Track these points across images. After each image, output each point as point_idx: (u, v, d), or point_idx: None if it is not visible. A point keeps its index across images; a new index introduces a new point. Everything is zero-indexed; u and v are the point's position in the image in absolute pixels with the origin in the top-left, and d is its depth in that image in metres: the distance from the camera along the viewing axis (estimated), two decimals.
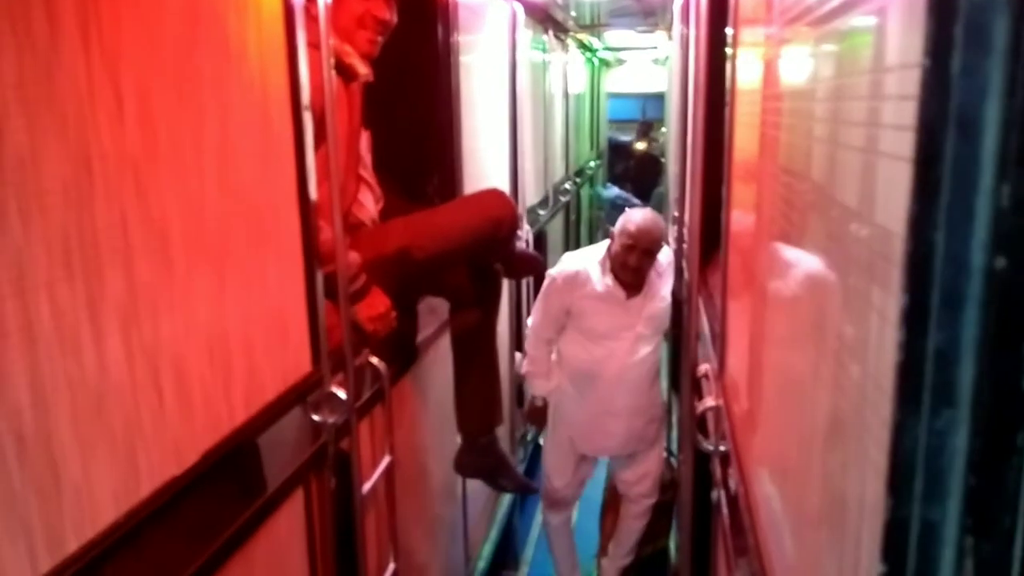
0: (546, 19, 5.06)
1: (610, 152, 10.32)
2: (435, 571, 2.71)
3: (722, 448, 1.58)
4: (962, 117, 0.41)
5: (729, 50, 1.70)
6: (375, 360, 1.87)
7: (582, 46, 7.51)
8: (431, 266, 2.10)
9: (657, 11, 5.72)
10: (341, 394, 1.59)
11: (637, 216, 2.97)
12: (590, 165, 8.22)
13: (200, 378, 1.17)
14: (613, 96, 10.62)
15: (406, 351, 2.28)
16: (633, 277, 2.95)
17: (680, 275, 3.02)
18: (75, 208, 0.91)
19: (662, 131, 9.01)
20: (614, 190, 9.09)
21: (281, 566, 1.47)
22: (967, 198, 0.42)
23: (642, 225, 2.91)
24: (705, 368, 1.92)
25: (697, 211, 2.36)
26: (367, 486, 1.83)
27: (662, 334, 3.15)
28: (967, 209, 0.42)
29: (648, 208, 3.29)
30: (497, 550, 3.51)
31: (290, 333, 1.49)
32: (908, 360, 0.46)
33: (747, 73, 1.49)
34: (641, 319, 3.00)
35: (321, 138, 1.57)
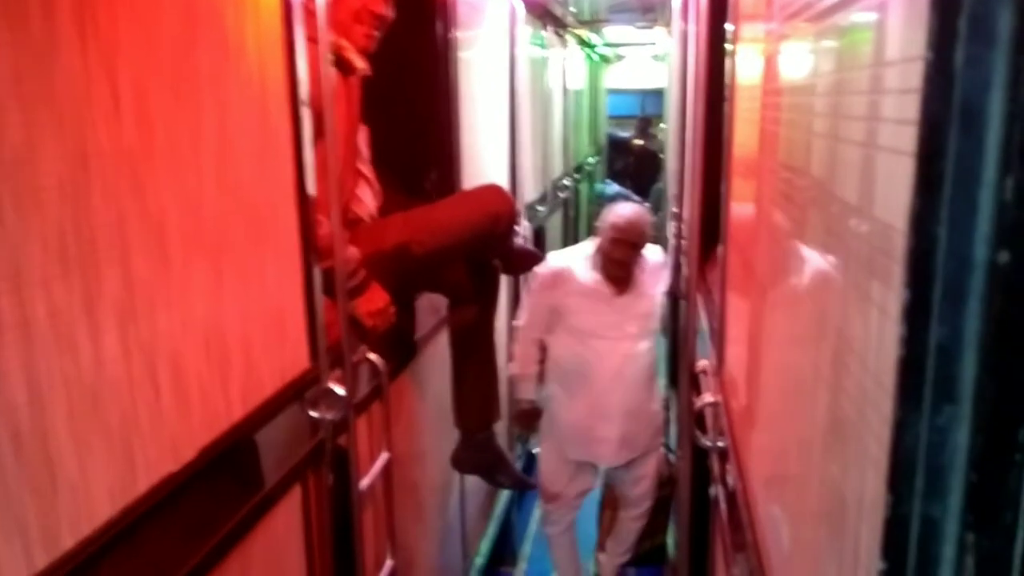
0: (545, 15, 5.06)
1: (609, 148, 10.30)
2: (433, 567, 2.71)
3: (720, 444, 1.58)
4: (965, 110, 0.41)
5: (729, 46, 1.70)
6: (373, 356, 1.87)
7: (581, 42, 7.50)
8: (429, 262, 2.10)
9: (656, 7, 5.71)
10: (339, 390, 1.58)
11: (622, 209, 2.95)
12: (589, 161, 8.21)
13: (197, 374, 1.17)
14: (612, 92, 10.60)
15: (404, 347, 2.27)
16: (619, 270, 2.90)
17: (679, 271, 3.01)
18: (72, 204, 0.91)
19: (661, 127, 9.00)
20: (614, 187, 9.08)
21: (279, 563, 1.47)
22: (970, 192, 0.41)
23: (628, 218, 2.87)
24: (704, 364, 1.91)
25: (696, 207, 2.36)
26: (365, 482, 1.83)
27: (654, 334, 3.07)
28: (970, 203, 0.41)
29: (633, 203, 3.24)
30: (495, 546, 3.51)
31: (288, 329, 1.48)
32: (909, 355, 0.45)
33: (747, 69, 1.49)
34: (630, 317, 2.94)
35: (319, 133, 1.56)
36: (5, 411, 0.81)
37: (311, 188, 1.51)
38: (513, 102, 3.73)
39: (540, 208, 4.70)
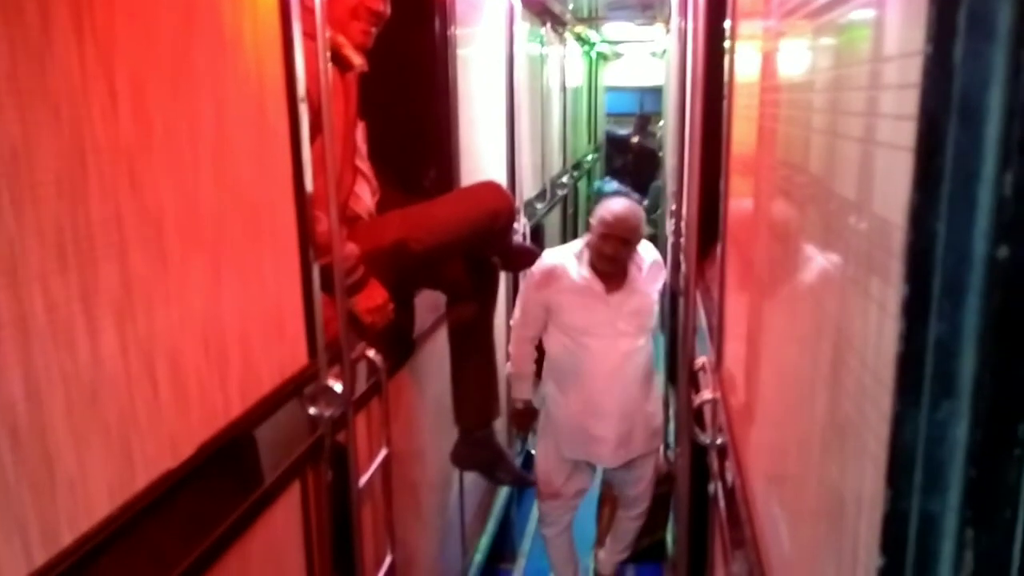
0: (544, 12, 5.05)
1: (608, 146, 10.30)
2: (432, 564, 2.71)
3: (719, 441, 1.58)
4: (964, 104, 0.41)
5: (727, 43, 1.70)
6: (372, 353, 1.87)
7: (580, 39, 7.49)
8: (428, 259, 2.10)
9: (655, 4, 5.71)
10: (337, 387, 1.58)
11: (613, 204, 2.92)
12: (587, 159, 8.21)
13: (196, 371, 1.17)
14: (611, 89, 10.59)
15: (403, 344, 2.27)
16: (610, 266, 2.86)
17: (677, 268, 3.00)
18: (69, 200, 0.90)
19: (660, 124, 9.00)
20: (614, 184, 9.08)
21: (278, 559, 1.47)
22: (969, 187, 0.41)
23: (618, 213, 2.84)
24: (702, 361, 1.91)
25: (695, 204, 2.36)
26: (364, 479, 1.83)
27: (649, 333, 3.01)
28: (969, 198, 0.41)
29: (624, 199, 3.19)
30: (494, 543, 3.51)
31: (286, 326, 1.48)
32: (908, 351, 0.45)
33: (745, 66, 1.49)
34: (622, 315, 2.88)
35: (317, 129, 1.56)
36: (3, 407, 0.81)
37: (309, 184, 1.51)
38: (512, 99, 3.73)
39: (538, 205, 4.69)
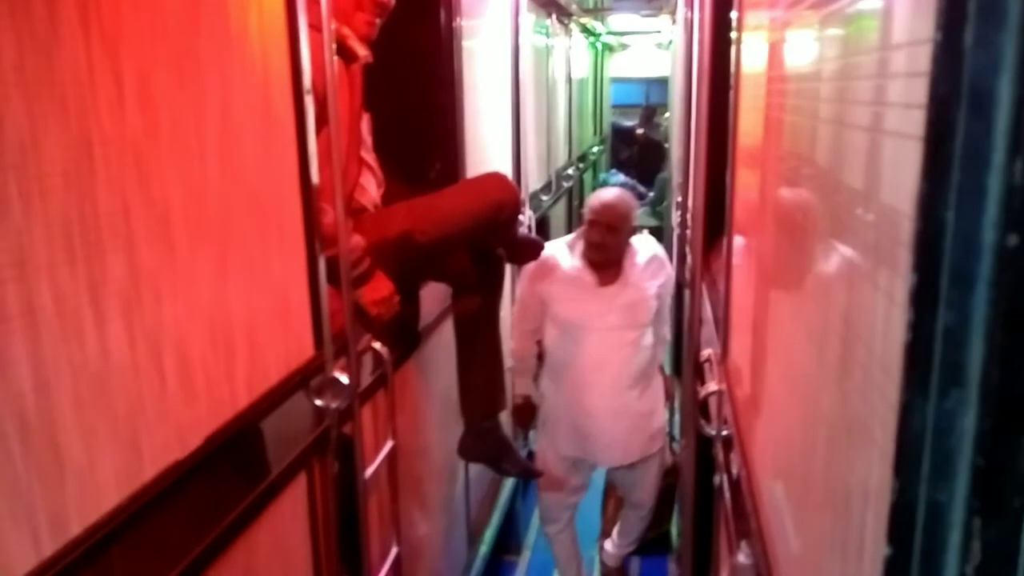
0: (549, 3, 5.03)
1: (614, 137, 10.28)
2: (438, 555, 2.72)
3: (724, 433, 1.58)
4: (974, 92, 0.40)
5: (734, 33, 1.69)
6: (377, 345, 1.87)
7: (585, 30, 7.47)
8: (433, 250, 2.10)
9: None
10: (344, 379, 1.59)
11: (603, 192, 2.91)
12: (593, 150, 8.20)
13: (202, 362, 1.17)
14: (617, 81, 10.57)
15: (409, 336, 2.28)
16: (597, 255, 2.82)
17: (683, 260, 3.00)
18: (76, 192, 0.91)
19: (666, 116, 8.97)
20: (620, 176, 9.07)
21: (284, 550, 1.47)
22: (978, 175, 0.41)
23: (606, 200, 2.82)
24: (708, 353, 1.91)
25: (701, 196, 2.36)
26: (370, 471, 1.83)
27: (643, 329, 2.89)
28: (978, 186, 0.41)
29: (616, 188, 3.15)
30: (499, 535, 3.52)
31: (292, 317, 1.49)
32: (916, 340, 0.45)
33: (752, 56, 1.48)
34: (613, 308, 2.82)
35: (322, 121, 1.56)
36: (12, 398, 0.82)
37: (315, 176, 1.51)
38: (517, 91, 3.72)
39: (544, 197, 4.69)
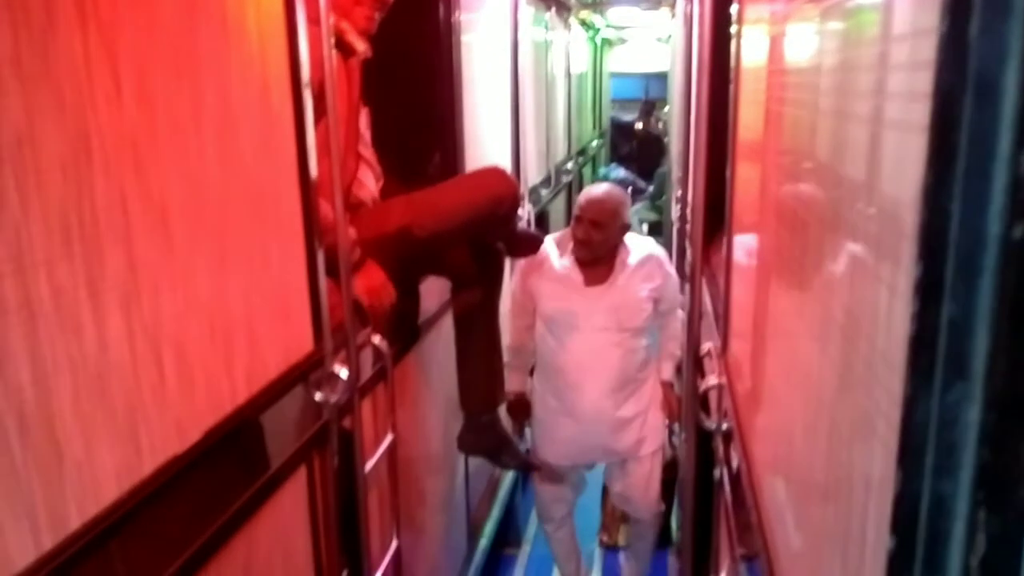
0: None
1: (613, 132, 10.27)
2: (438, 548, 2.72)
3: (724, 426, 1.58)
4: (979, 82, 0.40)
5: (734, 27, 1.68)
6: (377, 339, 1.87)
7: (584, 24, 7.45)
8: (432, 244, 2.10)
9: None
10: (343, 373, 1.58)
11: (592, 188, 2.87)
12: (592, 145, 8.19)
13: (201, 356, 1.17)
14: (616, 75, 10.55)
15: (408, 330, 2.27)
16: (583, 251, 2.76)
17: (683, 254, 2.99)
18: (74, 186, 0.90)
19: (665, 110, 8.96)
20: (620, 171, 9.07)
21: (284, 544, 1.47)
22: (984, 166, 0.41)
23: (592, 196, 2.78)
24: (708, 347, 1.91)
25: (700, 190, 2.34)
26: (369, 464, 1.83)
27: (632, 333, 2.80)
28: (984, 177, 0.41)
29: (606, 184, 3.12)
30: (499, 528, 3.52)
31: (291, 311, 1.48)
32: (921, 332, 0.45)
33: (752, 50, 1.48)
34: (599, 309, 2.75)
35: (320, 115, 1.56)
36: (10, 392, 0.81)
37: (313, 170, 1.51)
38: (516, 85, 3.71)
39: (543, 191, 4.68)
